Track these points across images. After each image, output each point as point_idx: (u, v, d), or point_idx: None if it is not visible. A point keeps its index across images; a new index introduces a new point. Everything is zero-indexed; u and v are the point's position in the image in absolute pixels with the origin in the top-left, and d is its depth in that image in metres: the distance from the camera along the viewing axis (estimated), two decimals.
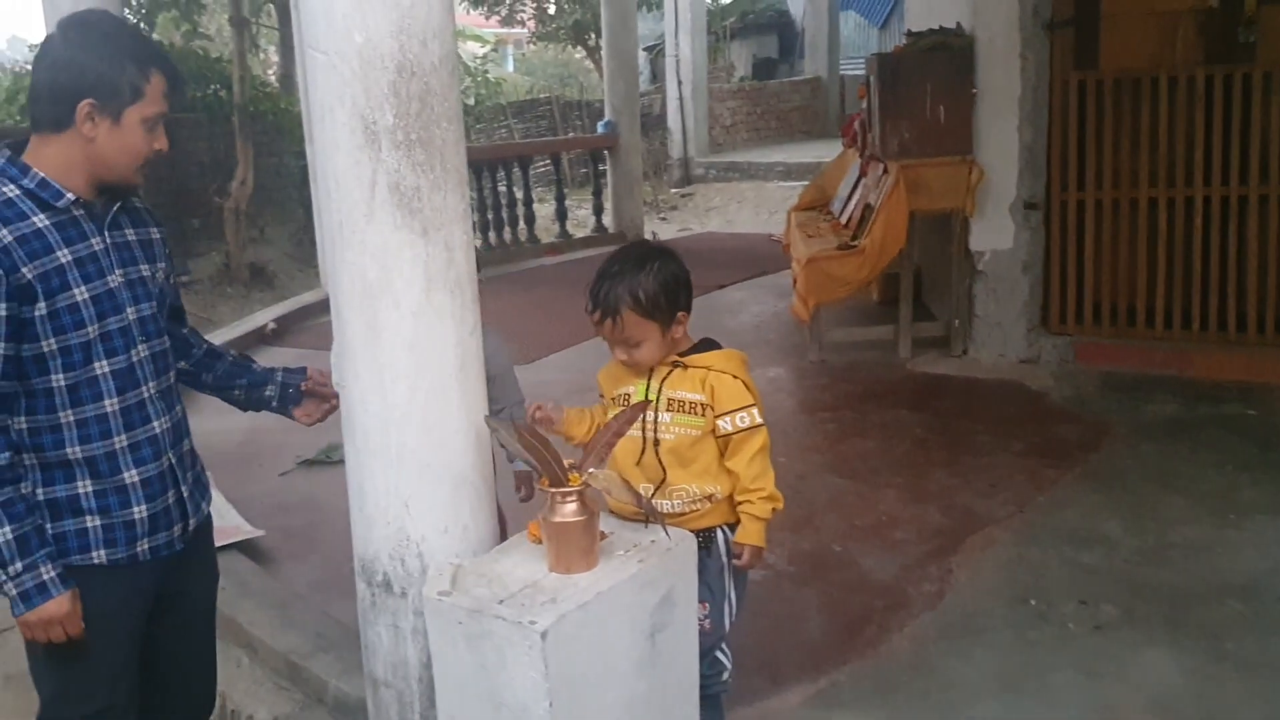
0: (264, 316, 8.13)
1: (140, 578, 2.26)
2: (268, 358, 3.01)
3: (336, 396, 2.51)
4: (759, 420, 2.50)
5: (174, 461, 2.30)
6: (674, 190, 16.29)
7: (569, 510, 2.18)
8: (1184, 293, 5.58)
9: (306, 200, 9.94)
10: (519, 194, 10.57)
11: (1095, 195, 5.68)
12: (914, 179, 5.79)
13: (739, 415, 2.49)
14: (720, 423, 2.48)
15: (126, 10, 12.23)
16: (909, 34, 6.62)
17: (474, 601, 2.12)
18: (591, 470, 2.27)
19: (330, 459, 4.91)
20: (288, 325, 7.95)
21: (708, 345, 2.59)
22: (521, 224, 10.59)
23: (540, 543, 2.27)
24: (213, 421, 5.85)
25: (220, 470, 4.76)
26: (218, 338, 7.09)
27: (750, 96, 19.44)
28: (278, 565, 4.03)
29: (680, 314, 2.50)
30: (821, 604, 3.55)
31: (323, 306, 8.06)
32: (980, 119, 5.76)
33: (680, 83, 16.60)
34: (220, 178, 11.25)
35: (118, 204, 2.22)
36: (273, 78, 16.81)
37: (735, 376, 2.51)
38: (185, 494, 2.34)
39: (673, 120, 16.94)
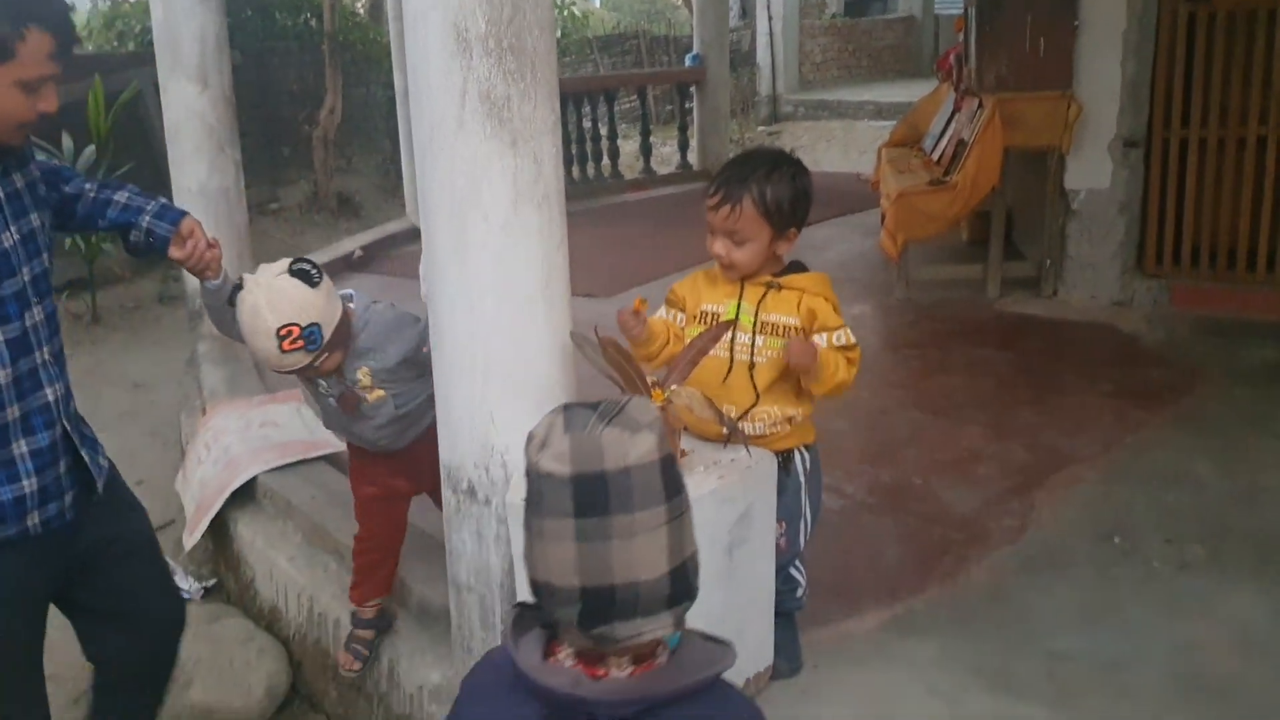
0: (350, 244, 8.24)
1: (32, 553, 2.12)
2: (354, 283, 3.04)
3: (211, 247, 2.36)
4: (853, 340, 2.47)
5: (68, 427, 2.16)
6: (761, 128, 16.08)
7: None
8: None
9: (393, 131, 10.01)
10: (604, 129, 10.51)
11: (1200, 133, 5.47)
12: (1010, 113, 5.64)
13: (835, 334, 2.46)
14: (817, 339, 2.44)
15: None
16: None
17: None
18: (675, 387, 2.28)
19: None
20: (373, 253, 8.05)
21: (797, 268, 2.56)
22: (605, 159, 10.53)
23: None
24: None
25: None
26: None
27: (842, 34, 19.06)
28: None
29: (792, 230, 2.47)
30: (900, 534, 3.53)
31: (407, 236, 8.15)
32: (1081, 52, 5.57)
33: (771, 18, 16.31)
34: (310, 106, 11.40)
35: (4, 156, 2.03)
36: (361, 9, 16.89)
37: (828, 299, 2.49)
38: (85, 458, 2.20)
39: (762, 56, 16.67)
